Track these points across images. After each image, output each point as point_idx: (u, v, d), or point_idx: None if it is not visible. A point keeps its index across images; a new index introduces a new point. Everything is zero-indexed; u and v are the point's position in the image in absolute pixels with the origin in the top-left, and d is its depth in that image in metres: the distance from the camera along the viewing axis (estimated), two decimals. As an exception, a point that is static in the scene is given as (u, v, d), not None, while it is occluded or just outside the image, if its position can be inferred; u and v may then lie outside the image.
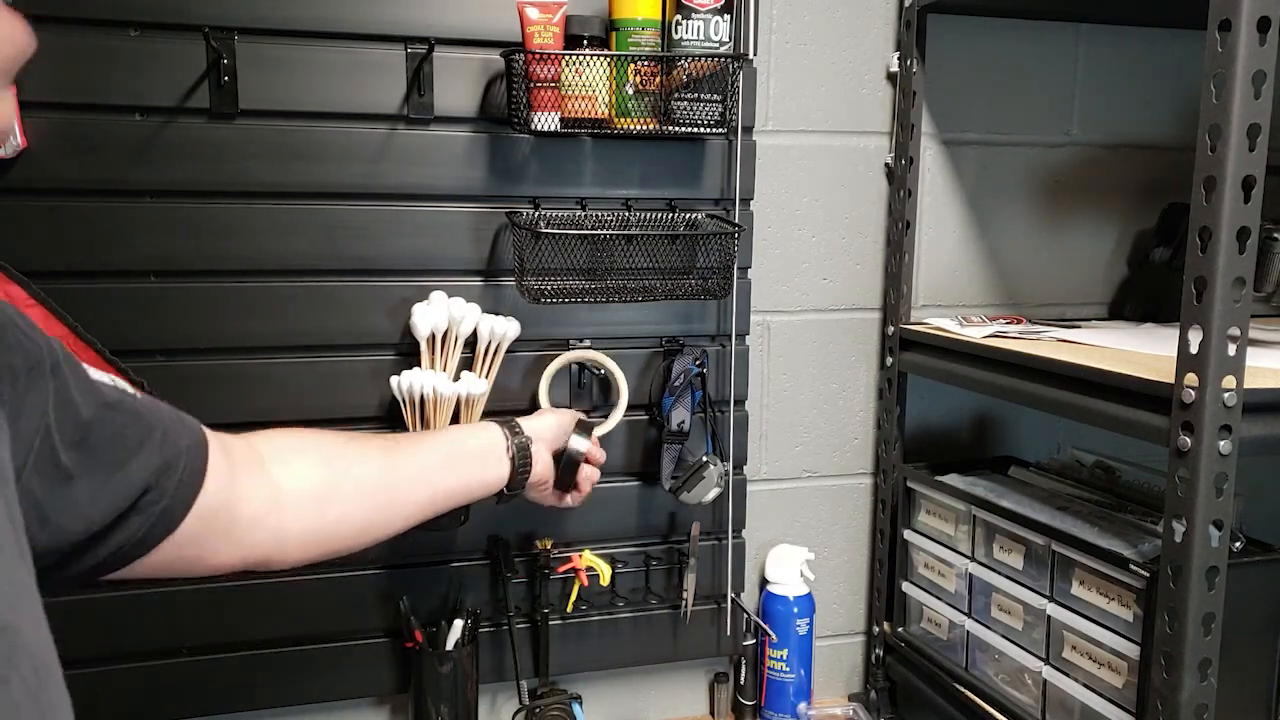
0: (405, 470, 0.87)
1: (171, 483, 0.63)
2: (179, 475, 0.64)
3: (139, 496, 0.61)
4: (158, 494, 0.62)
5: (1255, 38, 0.78)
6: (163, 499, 0.63)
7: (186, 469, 0.65)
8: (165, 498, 0.63)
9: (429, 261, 1.18)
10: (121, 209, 1.09)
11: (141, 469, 0.61)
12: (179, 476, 0.64)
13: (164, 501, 0.63)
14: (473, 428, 1.01)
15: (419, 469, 0.88)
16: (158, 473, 0.62)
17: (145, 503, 0.61)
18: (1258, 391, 0.84)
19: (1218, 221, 0.80)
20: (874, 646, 1.40)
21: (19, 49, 0.48)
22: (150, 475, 0.62)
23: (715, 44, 1.12)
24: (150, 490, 0.62)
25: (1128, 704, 0.97)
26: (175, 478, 0.64)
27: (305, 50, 1.11)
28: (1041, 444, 1.45)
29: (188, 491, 0.65)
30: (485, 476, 0.95)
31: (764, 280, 1.32)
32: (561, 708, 1.23)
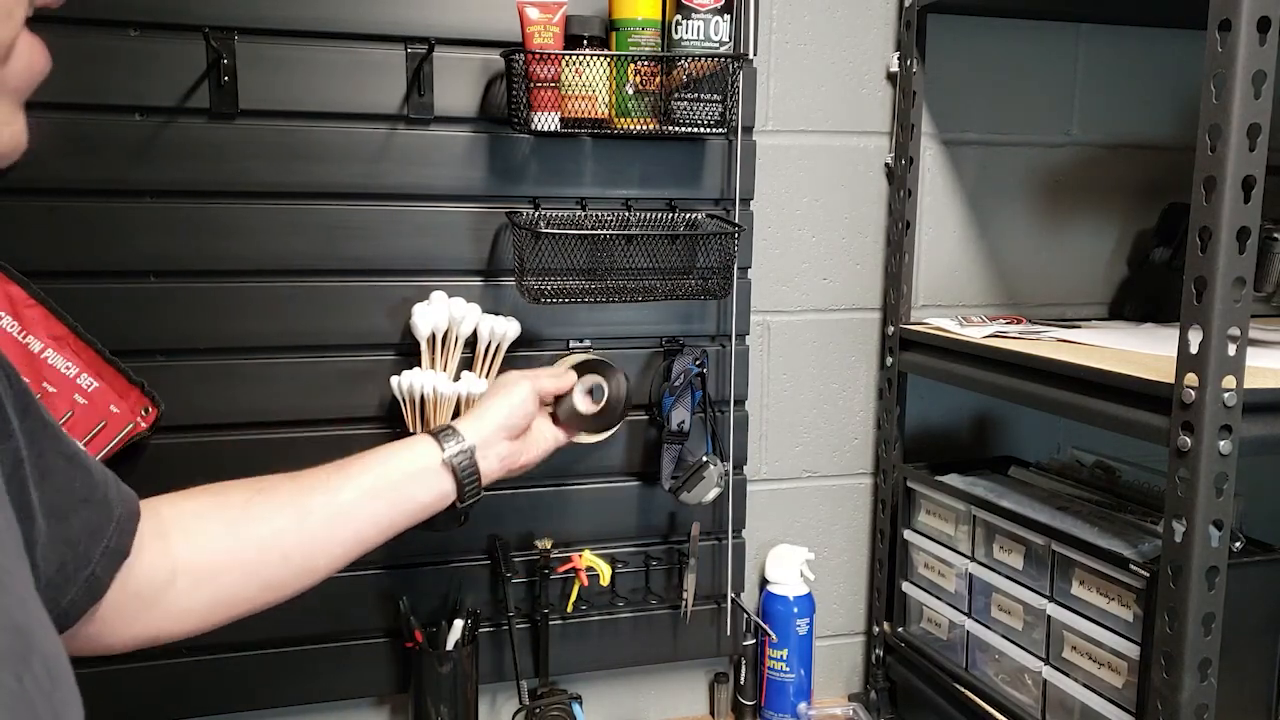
0: (319, 515, 0.79)
1: (97, 549, 0.61)
2: (107, 542, 0.62)
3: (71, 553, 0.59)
4: (84, 560, 0.60)
5: (1255, 38, 0.78)
6: (89, 565, 0.60)
7: (115, 537, 0.62)
8: (91, 564, 0.60)
9: (429, 261, 1.18)
10: (121, 209, 1.09)
11: (82, 525, 0.59)
12: (107, 543, 0.62)
13: (90, 568, 0.60)
14: (400, 446, 0.87)
15: (337, 510, 0.80)
16: (92, 535, 0.60)
17: (74, 565, 0.59)
18: (1258, 391, 0.84)
19: (1218, 221, 0.80)
20: (874, 646, 1.40)
21: (36, 74, 0.50)
22: (85, 534, 0.59)
23: (715, 44, 1.12)
24: (80, 548, 0.59)
25: (1128, 704, 0.97)
26: (102, 545, 0.61)
27: (305, 50, 1.11)
28: (1041, 444, 1.45)
29: (115, 561, 0.62)
30: (422, 498, 0.85)
31: (764, 280, 1.33)
32: (561, 708, 1.23)
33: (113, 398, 1.08)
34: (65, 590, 0.59)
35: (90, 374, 1.07)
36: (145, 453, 1.12)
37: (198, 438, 1.14)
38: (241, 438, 1.15)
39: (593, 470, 1.27)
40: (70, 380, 1.06)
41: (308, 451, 1.16)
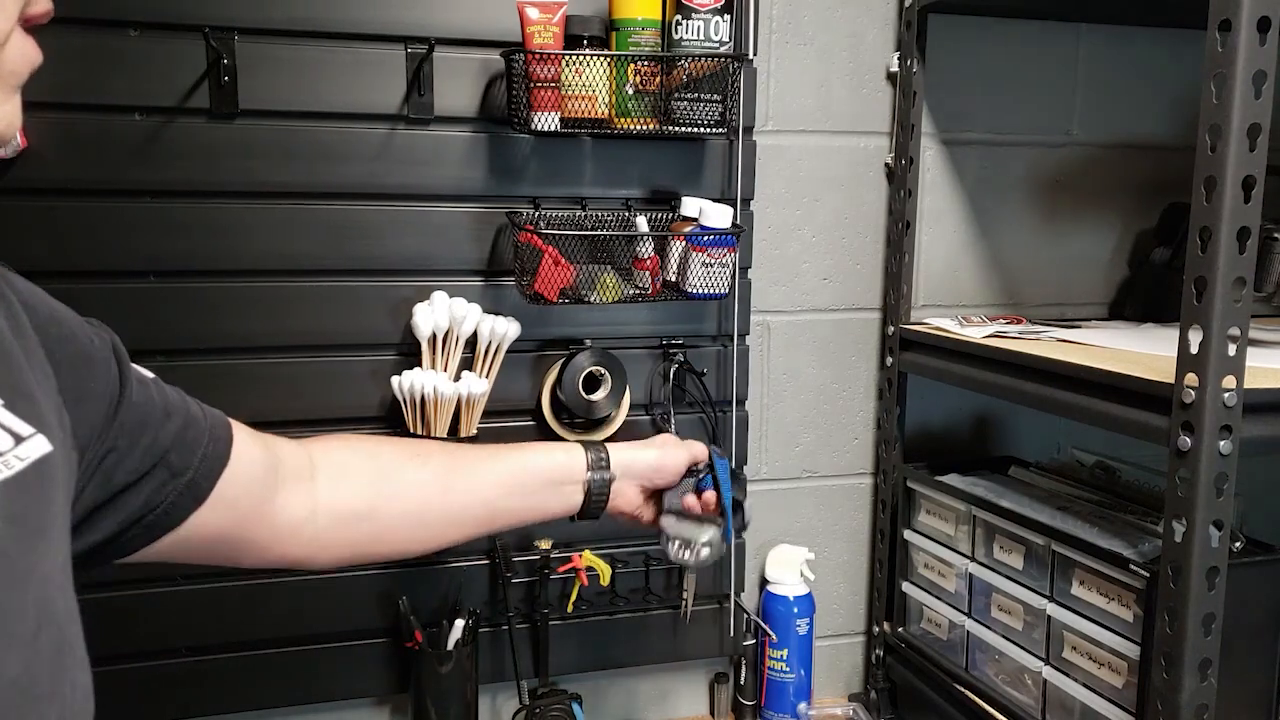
0: (460, 493, 0.85)
1: (195, 457, 0.65)
2: (203, 449, 0.66)
3: (163, 455, 0.63)
4: (182, 461, 0.64)
5: (1255, 38, 0.78)
6: (187, 471, 0.64)
7: (211, 446, 0.67)
8: (190, 470, 0.65)
9: (429, 261, 1.18)
10: (121, 209, 1.09)
11: (167, 435, 0.63)
12: (203, 450, 0.66)
13: (188, 475, 0.64)
14: (553, 449, 0.93)
15: (477, 491, 0.86)
16: (179, 443, 0.64)
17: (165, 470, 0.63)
18: (1258, 391, 0.84)
19: (1218, 221, 0.80)
20: (874, 646, 1.40)
21: (29, 64, 0.54)
22: (173, 441, 0.64)
23: (715, 44, 1.12)
24: (171, 455, 0.63)
25: (1128, 704, 0.97)
26: (199, 452, 0.65)
27: (305, 50, 1.11)
28: (1041, 444, 1.45)
29: (214, 466, 0.67)
30: (550, 506, 0.90)
31: (764, 280, 1.32)
32: (561, 708, 1.23)
33: (113, 398, 1.08)
34: (163, 494, 0.63)
35: (90, 374, 1.07)
36: (145, 453, 1.12)
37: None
38: (241, 438, 1.15)
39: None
40: (70, 380, 1.06)
41: (308, 451, 1.17)
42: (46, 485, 0.48)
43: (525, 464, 0.90)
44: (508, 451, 0.89)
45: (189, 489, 0.65)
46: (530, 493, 0.89)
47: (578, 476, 0.90)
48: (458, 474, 0.85)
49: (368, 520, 0.80)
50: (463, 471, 0.86)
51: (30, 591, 0.45)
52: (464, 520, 0.86)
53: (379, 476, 0.81)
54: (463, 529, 0.86)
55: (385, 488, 0.81)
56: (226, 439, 0.69)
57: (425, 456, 0.85)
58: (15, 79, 0.52)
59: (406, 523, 0.82)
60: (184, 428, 0.65)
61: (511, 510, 0.88)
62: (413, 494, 0.82)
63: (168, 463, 0.63)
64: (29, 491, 0.47)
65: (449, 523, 0.85)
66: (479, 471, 0.86)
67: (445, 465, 0.85)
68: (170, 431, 0.64)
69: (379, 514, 0.80)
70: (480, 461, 0.87)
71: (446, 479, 0.84)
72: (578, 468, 0.91)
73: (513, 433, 1.22)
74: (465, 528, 0.86)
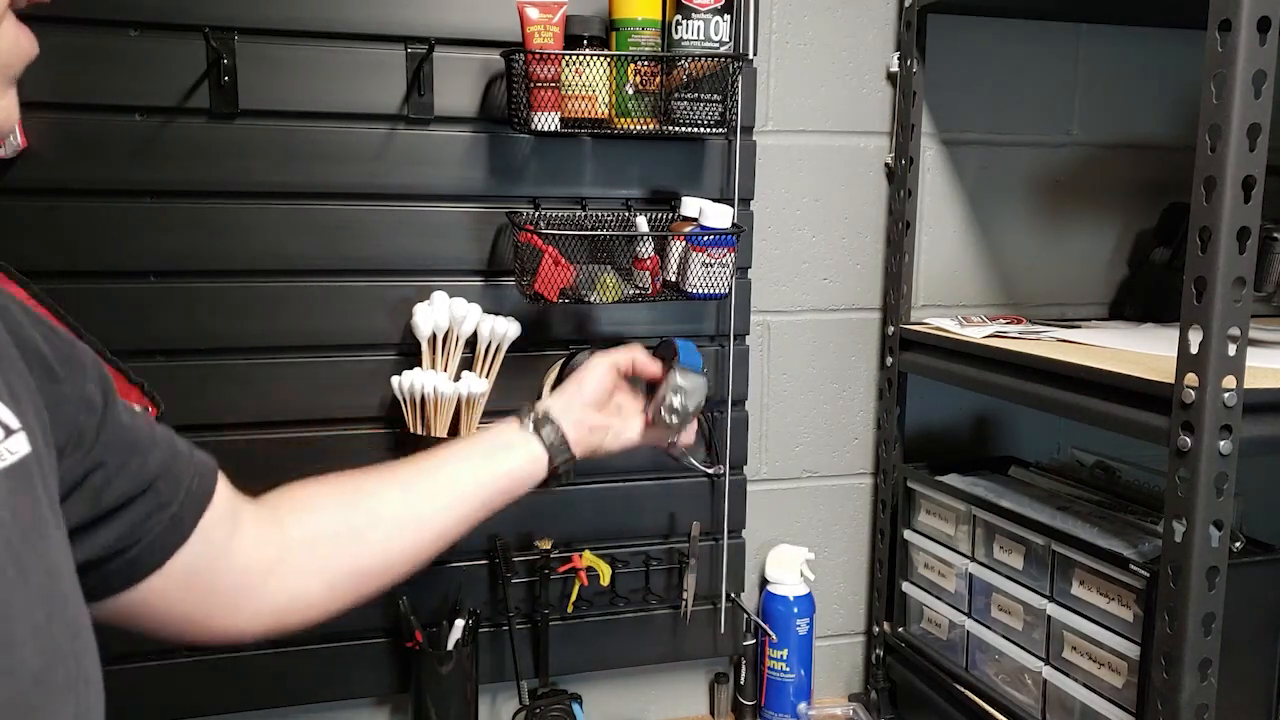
0: (421, 488, 0.81)
1: (180, 490, 0.63)
2: (188, 484, 0.64)
3: (151, 482, 0.61)
4: (169, 492, 0.62)
5: (1255, 38, 0.78)
6: (172, 504, 0.62)
7: (196, 482, 0.65)
8: (175, 504, 0.62)
9: (429, 261, 1.18)
10: (121, 209, 1.09)
11: (155, 463, 0.61)
12: (188, 485, 0.64)
13: (173, 508, 0.62)
14: (486, 429, 0.92)
15: (436, 484, 0.82)
16: (167, 472, 0.62)
17: (154, 498, 0.61)
18: (1258, 391, 0.84)
19: (1218, 221, 0.80)
20: (874, 646, 1.40)
21: (23, 55, 0.52)
22: (161, 469, 0.62)
23: (715, 44, 1.12)
24: (159, 483, 0.61)
25: (1128, 704, 0.97)
26: (184, 486, 0.64)
27: (305, 50, 1.11)
28: (1041, 444, 1.45)
29: (199, 502, 0.65)
30: (513, 466, 0.87)
31: (764, 280, 1.32)
32: (561, 708, 1.23)
33: (113, 398, 1.08)
34: (146, 525, 0.60)
35: (90, 374, 1.07)
36: (145, 453, 1.12)
37: (198, 438, 1.11)
38: (241, 438, 1.15)
39: (593, 470, 1.26)
40: (70, 380, 1.06)
41: (308, 451, 1.17)
42: (34, 480, 0.48)
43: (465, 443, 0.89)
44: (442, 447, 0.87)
45: (173, 523, 0.62)
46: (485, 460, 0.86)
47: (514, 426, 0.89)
48: (410, 471, 0.83)
49: (345, 544, 0.76)
50: (413, 469, 0.83)
51: (37, 583, 0.45)
52: (434, 514, 0.81)
53: (341, 491, 0.78)
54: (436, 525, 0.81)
55: (350, 499, 0.78)
56: (211, 478, 0.67)
57: (375, 469, 0.82)
58: (9, 71, 0.50)
59: (381, 532, 0.78)
60: (172, 459, 0.63)
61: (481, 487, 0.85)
62: (377, 499, 0.79)
63: (155, 490, 0.61)
64: (24, 484, 0.47)
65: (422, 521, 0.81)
66: (428, 465, 0.83)
67: (394, 468, 0.82)
68: (159, 460, 0.62)
69: (351, 529, 0.76)
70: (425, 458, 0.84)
71: (401, 477, 0.82)
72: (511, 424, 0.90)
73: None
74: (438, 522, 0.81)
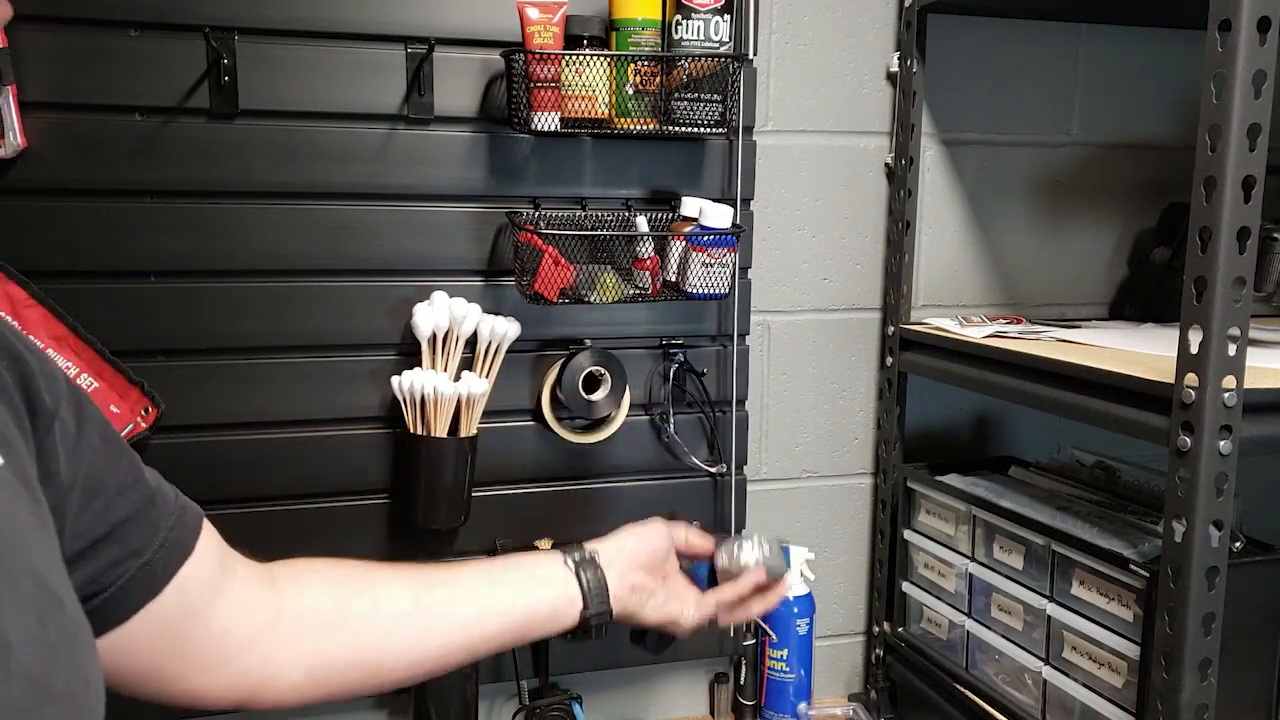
0: (438, 612, 0.74)
1: (156, 538, 0.58)
2: (165, 533, 0.59)
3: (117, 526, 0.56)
4: (140, 539, 0.57)
5: (1255, 38, 0.78)
6: (144, 552, 0.57)
7: (176, 532, 0.60)
8: (149, 551, 0.57)
9: (429, 261, 1.18)
10: (121, 209, 1.09)
11: (125, 505, 0.56)
12: (165, 534, 0.59)
13: (145, 556, 0.57)
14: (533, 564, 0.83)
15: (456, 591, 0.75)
16: (140, 517, 0.57)
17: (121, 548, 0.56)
18: (1258, 391, 0.84)
19: (1218, 221, 0.80)
20: (874, 646, 1.40)
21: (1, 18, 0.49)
22: (131, 513, 0.57)
23: (715, 44, 1.12)
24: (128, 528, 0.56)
25: (1128, 704, 0.97)
26: (160, 535, 0.59)
27: (305, 50, 1.11)
28: (1041, 444, 1.45)
29: (175, 554, 0.59)
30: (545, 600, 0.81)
31: (764, 280, 1.32)
32: (561, 708, 1.23)
33: (113, 398, 1.08)
34: (113, 573, 0.56)
35: (90, 374, 1.07)
36: (145, 453, 1.12)
37: (198, 438, 1.14)
38: (241, 438, 1.15)
39: (593, 471, 1.27)
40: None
41: (308, 452, 1.17)
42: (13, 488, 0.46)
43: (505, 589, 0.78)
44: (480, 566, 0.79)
45: (145, 574, 0.57)
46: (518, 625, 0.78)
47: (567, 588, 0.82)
48: (435, 587, 0.75)
49: (339, 628, 0.69)
50: (440, 586, 0.75)
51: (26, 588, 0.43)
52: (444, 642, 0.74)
53: (346, 576, 0.72)
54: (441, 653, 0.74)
55: (353, 586, 0.71)
56: (194, 529, 0.62)
57: (396, 566, 0.75)
58: None
59: (380, 635, 0.70)
60: (147, 504, 0.58)
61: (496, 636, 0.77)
62: (388, 600, 0.72)
63: (122, 537, 0.56)
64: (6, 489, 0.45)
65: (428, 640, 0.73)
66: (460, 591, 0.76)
67: (419, 577, 0.75)
68: (130, 503, 0.57)
69: (346, 618, 0.69)
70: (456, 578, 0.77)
71: (426, 591, 0.74)
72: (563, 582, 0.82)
73: (513, 432, 1.22)
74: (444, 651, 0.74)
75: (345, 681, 0.69)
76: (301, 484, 1.17)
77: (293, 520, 1.17)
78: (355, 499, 1.19)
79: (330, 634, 0.68)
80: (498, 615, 0.77)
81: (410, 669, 0.72)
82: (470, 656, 0.76)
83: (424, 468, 1.13)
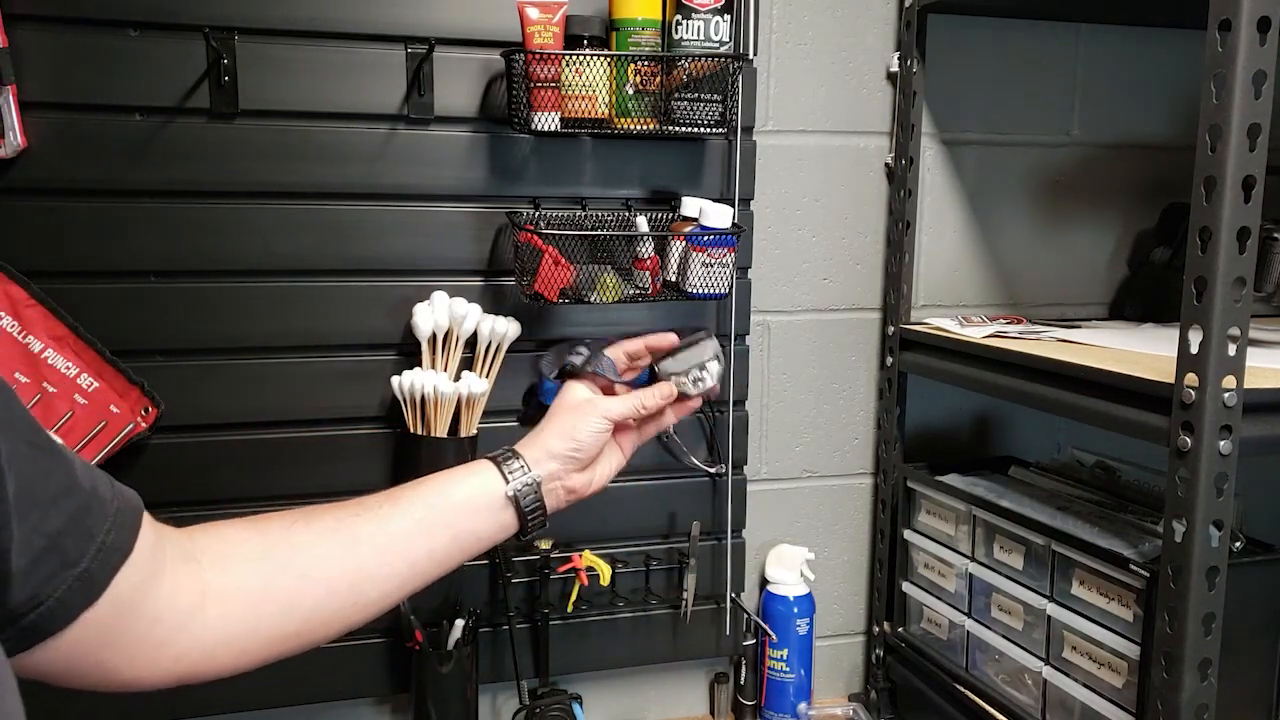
0: (368, 545, 0.72)
1: (92, 545, 0.56)
2: (102, 538, 0.56)
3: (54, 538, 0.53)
4: (76, 549, 0.55)
5: (1255, 38, 0.78)
6: (81, 561, 0.55)
7: (113, 535, 0.57)
8: (85, 559, 0.55)
9: (429, 261, 1.18)
10: (121, 209, 1.09)
11: (60, 516, 0.54)
12: (102, 539, 0.56)
13: (82, 565, 0.55)
14: (458, 475, 0.79)
15: (388, 539, 0.73)
16: (77, 526, 0.55)
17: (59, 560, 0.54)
18: (1258, 391, 0.84)
19: (1218, 221, 0.80)
20: (874, 646, 1.40)
21: None
22: (72, 527, 0.55)
23: (715, 44, 1.12)
24: (65, 539, 0.54)
25: (1128, 704, 0.97)
26: (97, 540, 0.56)
27: (305, 50, 1.11)
28: (1041, 444, 1.45)
29: (112, 558, 0.57)
30: (481, 532, 0.78)
31: (764, 280, 1.32)
32: (561, 708, 1.23)
33: (113, 398, 1.08)
34: (51, 586, 0.54)
35: (90, 374, 1.07)
36: (145, 453, 1.12)
37: (198, 438, 1.14)
38: (241, 438, 1.15)
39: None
40: (70, 380, 1.06)
41: (308, 452, 1.17)
42: None
43: (429, 493, 0.76)
44: (406, 488, 0.76)
45: (81, 583, 0.55)
46: (446, 525, 0.76)
47: (496, 493, 0.78)
48: (358, 521, 0.73)
49: (267, 601, 0.67)
50: (362, 518, 0.73)
51: None
52: (379, 573, 0.72)
53: (269, 544, 0.69)
54: (381, 585, 0.72)
55: (278, 554, 0.69)
56: (132, 528, 0.59)
57: (315, 514, 0.72)
58: None
59: (310, 593, 0.69)
60: (83, 510, 0.56)
61: (433, 550, 0.75)
62: (311, 553, 0.70)
63: (60, 548, 0.54)
64: None
65: (362, 581, 0.71)
66: (380, 514, 0.73)
67: (339, 515, 0.72)
68: (65, 511, 0.54)
69: (276, 588, 0.68)
70: (379, 505, 0.74)
71: (346, 528, 0.72)
72: (491, 483, 0.78)
73: (513, 432, 1.22)
74: (384, 583, 0.72)
75: (282, 650, 0.69)
76: (301, 484, 1.17)
77: (293, 520, 1.17)
78: (355, 499, 1.19)
79: (257, 609, 0.67)
80: (431, 558, 0.75)
81: (345, 626, 0.72)
82: (406, 597, 0.76)
83: (424, 468, 1.12)
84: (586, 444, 0.83)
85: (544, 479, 0.80)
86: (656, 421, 0.90)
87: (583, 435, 0.82)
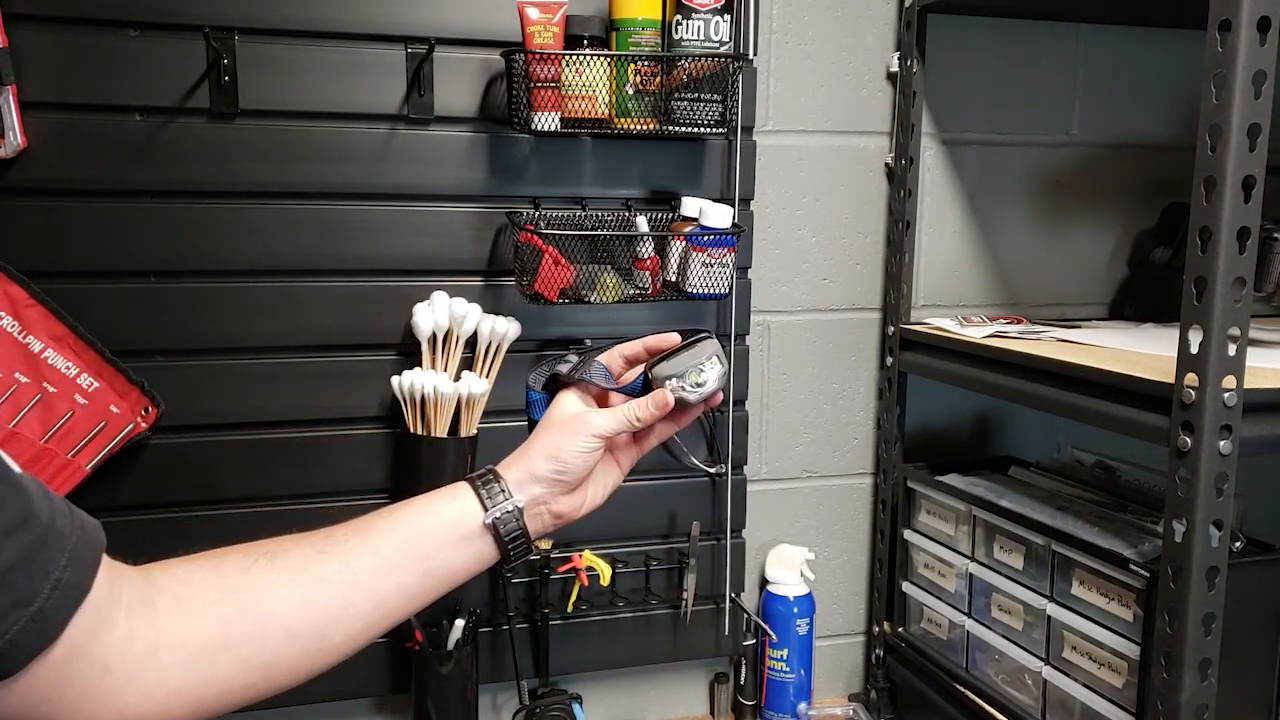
0: (333, 586, 0.66)
1: (48, 583, 0.51)
2: (57, 575, 0.52)
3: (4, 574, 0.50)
4: (28, 588, 0.51)
5: (1255, 38, 0.78)
6: (34, 600, 0.51)
7: (69, 572, 0.53)
8: (38, 599, 0.51)
9: (429, 261, 1.18)
10: (121, 209, 1.09)
11: (18, 553, 0.50)
12: (57, 577, 0.52)
13: (35, 605, 0.51)
14: (432, 502, 0.72)
15: (353, 580, 0.67)
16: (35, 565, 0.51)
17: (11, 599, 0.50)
18: (1258, 391, 0.84)
19: (1218, 221, 0.80)
20: (874, 646, 1.40)
21: None
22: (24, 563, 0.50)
23: (715, 44, 1.12)
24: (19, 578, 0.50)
25: (1128, 704, 0.97)
26: (52, 578, 0.52)
27: (305, 50, 1.11)
28: (1041, 444, 1.45)
29: (69, 597, 0.53)
30: (458, 566, 0.71)
31: (764, 280, 1.33)
32: (561, 708, 1.23)
33: (113, 398, 1.08)
34: (2, 626, 0.49)
35: (90, 374, 1.07)
36: (145, 453, 1.12)
37: (198, 438, 1.14)
38: (241, 438, 1.15)
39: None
40: (70, 380, 1.06)
41: (308, 452, 1.17)
42: None
43: (401, 525, 0.70)
44: (376, 518, 0.70)
45: (35, 624, 0.51)
46: (420, 559, 0.70)
47: (473, 522, 0.71)
48: (324, 559, 0.67)
49: (223, 649, 0.62)
50: (329, 555, 0.67)
51: None
52: (346, 615, 0.67)
53: (227, 586, 0.64)
54: (347, 628, 0.67)
55: (237, 599, 0.63)
56: (91, 562, 0.55)
57: (278, 551, 0.66)
58: None
59: (270, 640, 0.64)
60: (38, 544, 0.51)
61: (405, 589, 0.69)
62: (271, 596, 0.64)
63: (11, 584, 0.49)
64: None
65: (327, 625, 0.66)
66: (348, 552, 0.68)
67: (303, 554, 0.67)
68: (20, 546, 0.50)
69: (233, 636, 0.62)
70: (347, 539, 0.68)
71: (311, 568, 0.66)
72: (469, 511, 0.71)
73: (513, 432, 1.22)
74: (351, 625, 0.67)
75: (240, 699, 0.64)
76: (301, 484, 1.17)
77: (292, 520, 1.16)
78: (355, 499, 1.19)
79: (212, 659, 0.62)
80: (402, 597, 0.70)
81: (309, 671, 0.67)
82: (374, 638, 0.70)
83: (424, 468, 1.13)
84: (573, 465, 0.73)
85: (526, 504, 0.73)
86: (657, 434, 0.81)
87: (569, 456, 0.73)
